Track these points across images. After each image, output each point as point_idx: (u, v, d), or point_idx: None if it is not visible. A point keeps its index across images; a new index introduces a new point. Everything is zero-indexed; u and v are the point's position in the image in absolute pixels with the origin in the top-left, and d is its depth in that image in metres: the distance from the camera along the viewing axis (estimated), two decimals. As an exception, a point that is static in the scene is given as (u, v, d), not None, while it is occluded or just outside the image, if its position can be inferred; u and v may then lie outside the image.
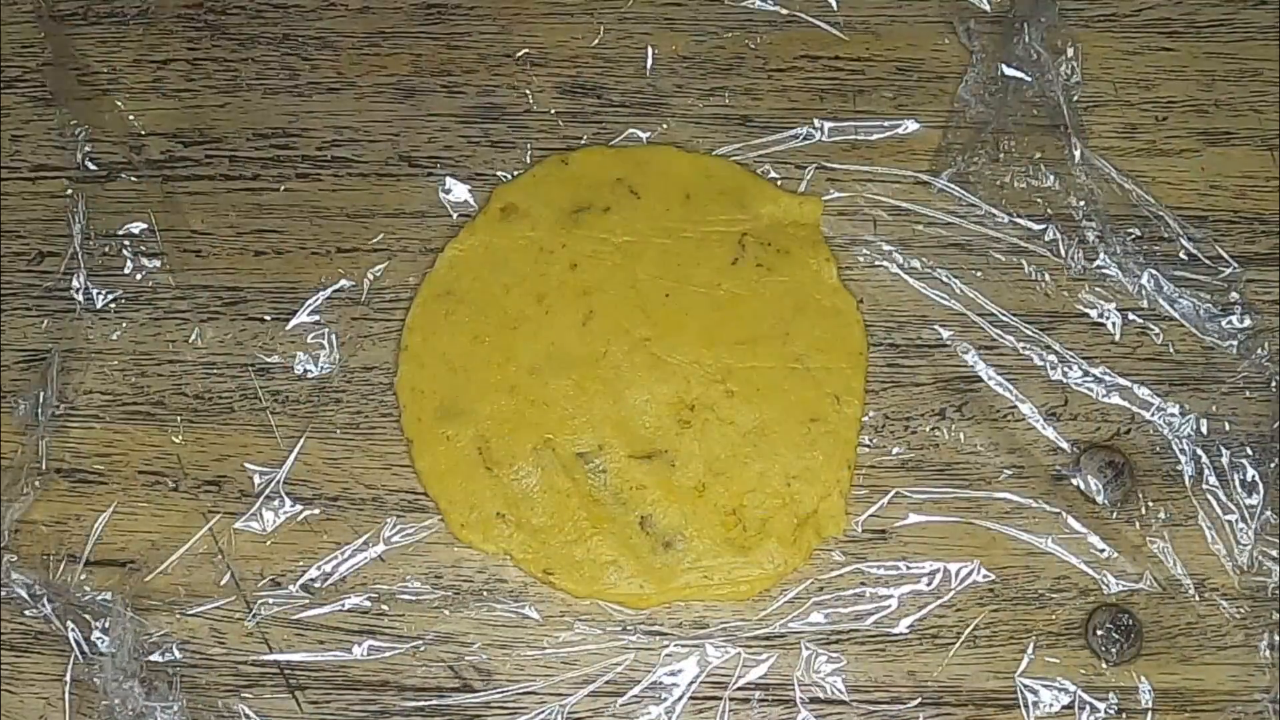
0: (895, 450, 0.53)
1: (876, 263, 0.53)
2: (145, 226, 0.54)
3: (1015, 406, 0.53)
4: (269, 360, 0.53)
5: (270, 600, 0.52)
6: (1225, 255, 0.53)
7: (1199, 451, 0.52)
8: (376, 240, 0.54)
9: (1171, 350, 0.53)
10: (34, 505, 0.52)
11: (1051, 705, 0.51)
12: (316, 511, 0.52)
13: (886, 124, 0.54)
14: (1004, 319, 0.53)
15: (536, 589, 0.52)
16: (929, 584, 0.52)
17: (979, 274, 0.53)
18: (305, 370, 0.53)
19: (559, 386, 0.52)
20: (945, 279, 0.53)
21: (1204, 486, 0.52)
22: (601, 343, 0.52)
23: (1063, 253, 0.53)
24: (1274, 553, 0.51)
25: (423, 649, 0.51)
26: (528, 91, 0.54)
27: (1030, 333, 0.53)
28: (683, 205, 0.53)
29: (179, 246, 0.54)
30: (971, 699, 0.51)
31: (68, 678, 0.51)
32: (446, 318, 0.53)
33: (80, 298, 0.54)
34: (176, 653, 0.51)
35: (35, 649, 0.52)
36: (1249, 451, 0.52)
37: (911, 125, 0.54)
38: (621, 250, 0.53)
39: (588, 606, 0.52)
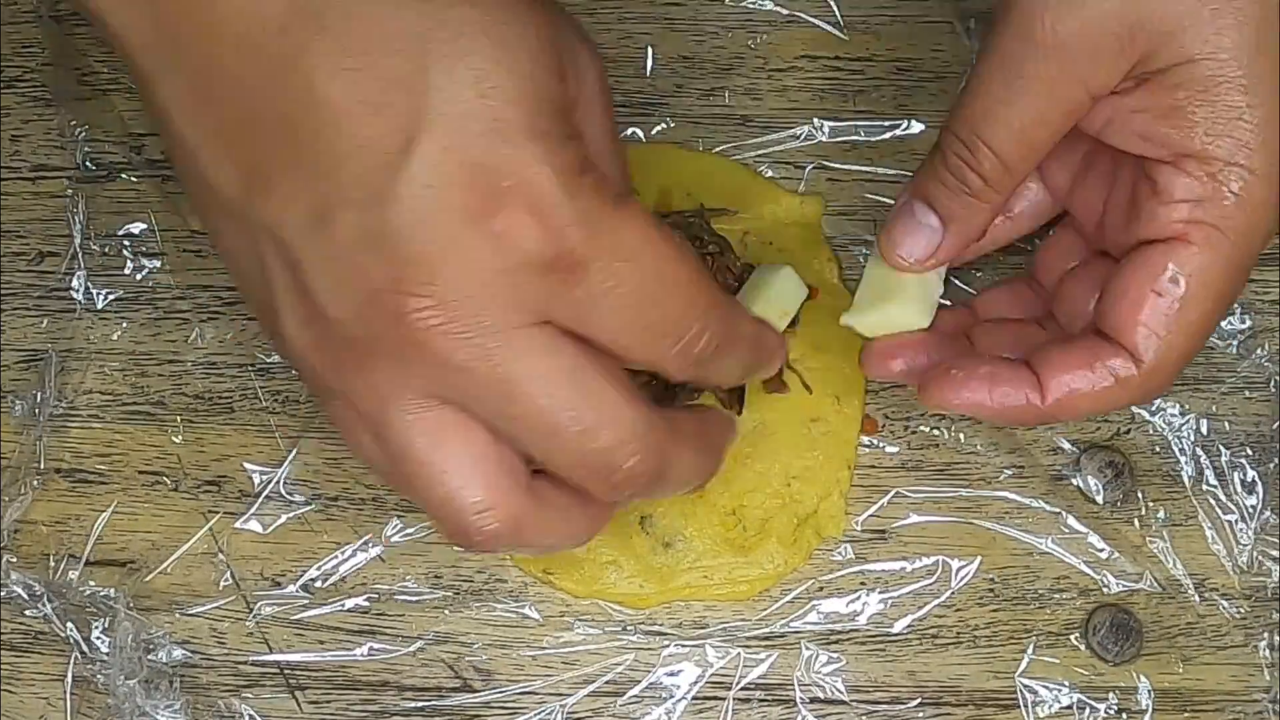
0: (894, 450, 0.53)
1: (877, 263, 0.53)
2: (145, 226, 0.54)
3: (1015, 406, 0.53)
4: (269, 360, 0.53)
5: (270, 600, 0.52)
6: (1225, 255, 0.53)
7: (1199, 451, 0.52)
8: (376, 240, 0.54)
9: (1171, 350, 0.53)
10: (34, 505, 0.52)
11: (1051, 705, 0.51)
12: (316, 511, 0.52)
13: (887, 124, 0.54)
14: (1004, 319, 0.53)
15: (536, 589, 0.52)
16: (929, 583, 0.52)
17: (979, 274, 0.53)
18: (305, 370, 0.53)
19: (559, 386, 0.52)
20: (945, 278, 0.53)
21: (1204, 486, 0.52)
22: (601, 343, 0.52)
23: (1063, 253, 0.53)
24: (1274, 553, 0.51)
25: (423, 649, 0.51)
26: (528, 91, 0.54)
27: (1030, 333, 0.53)
28: (683, 205, 0.53)
29: (179, 246, 0.54)
30: (971, 699, 0.51)
31: (68, 678, 0.51)
32: (446, 318, 0.53)
33: (80, 298, 0.53)
34: (177, 653, 0.51)
35: (35, 649, 0.52)
36: (1249, 451, 0.52)
37: (913, 125, 0.54)
38: (621, 250, 0.53)
39: (588, 606, 0.52)
